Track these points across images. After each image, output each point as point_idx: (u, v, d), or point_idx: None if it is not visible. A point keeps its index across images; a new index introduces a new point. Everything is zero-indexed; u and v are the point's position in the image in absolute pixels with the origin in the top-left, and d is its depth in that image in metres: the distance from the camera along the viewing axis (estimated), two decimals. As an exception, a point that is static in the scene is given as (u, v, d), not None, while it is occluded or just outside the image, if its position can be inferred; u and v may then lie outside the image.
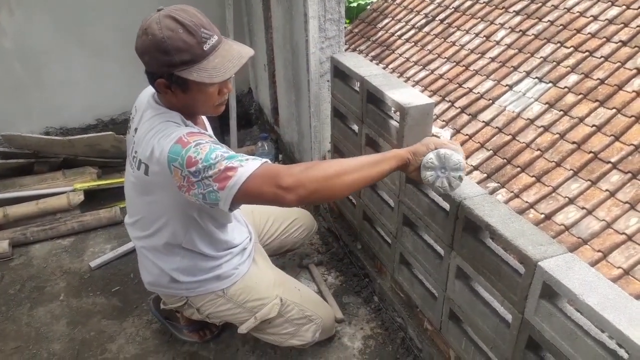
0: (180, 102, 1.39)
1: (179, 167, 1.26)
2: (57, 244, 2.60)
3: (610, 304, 1.05)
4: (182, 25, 1.25)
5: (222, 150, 1.28)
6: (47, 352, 1.98)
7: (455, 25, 4.73)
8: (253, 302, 1.69)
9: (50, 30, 3.10)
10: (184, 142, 1.27)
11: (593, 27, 3.78)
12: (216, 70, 1.29)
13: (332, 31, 2.30)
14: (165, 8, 1.30)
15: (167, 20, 1.26)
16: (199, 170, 1.25)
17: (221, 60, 1.30)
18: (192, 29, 1.26)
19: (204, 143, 1.27)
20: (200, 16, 1.30)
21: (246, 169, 1.24)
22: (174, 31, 1.25)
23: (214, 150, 1.26)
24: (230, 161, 1.25)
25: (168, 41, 1.25)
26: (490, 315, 1.43)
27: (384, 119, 1.84)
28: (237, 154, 1.28)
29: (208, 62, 1.28)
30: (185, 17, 1.26)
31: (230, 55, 1.32)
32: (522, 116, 3.54)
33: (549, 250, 1.23)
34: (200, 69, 1.28)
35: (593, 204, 2.83)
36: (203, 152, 1.25)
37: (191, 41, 1.26)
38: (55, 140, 2.91)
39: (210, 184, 1.25)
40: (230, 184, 1.24)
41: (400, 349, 1.94)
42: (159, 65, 1.29)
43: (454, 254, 1.53)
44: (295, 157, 2.95)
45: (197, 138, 1.29)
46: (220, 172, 1.24)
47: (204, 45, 1.28)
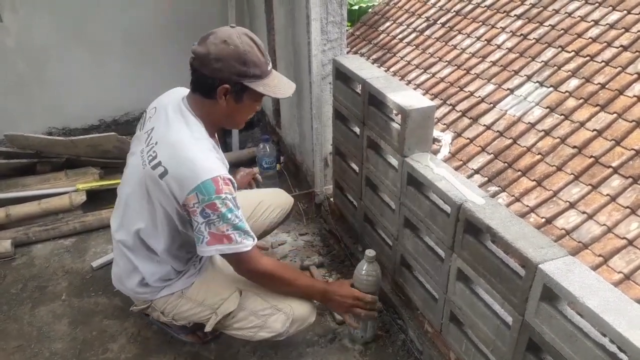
0: (223, 111, 1.51)
1: (200, 201, 1.41)
2: (59, 244, 2.60)
3: (611, 306, 1.06)
4: (257, 45, 1.45)
5: (235, 214, 1.46)
6: (48, 352, 1.99)
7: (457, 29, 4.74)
8: (213, 299, 1.71)
9: (53, 29, 3.12)
10: (219, 188, 1.42)
11: (594, 31, 3.79)
12: (277, 88, 1.50)
13: (334, 34, 2.31)
14: (237, 27, 1.49)
15: (246, 38, 1.44)
16: (211, 217, 1.43)
17: (279, 81, 1.52)
18: (262, 49, 1.47)
19: (230, 199, 1.44)
20: (261, 41, 1.49)
21: (236, 247, 1.49)
22: (252, 48, 1.43)
23: (232, 212, 1.45)
24: (233, 231, 1.46)
25: (248, 55, 1.42)
26: (491, 318, 1.43)
27: (385, 121, 1.85)
28: (242, 224, 1.48)
29: (270, 80, 1.49)
30: (257, 39, 1.47)
31: (283, 80, 1.55)
32: (523, 120, 3.55)
33: (549, 252, 1.23)
34: (265, 84, 1.47)
35: (594, 208, 2.84)
36: (225, 207, 1.43)
37: (262, 59, 1.46)
38: (57, 140, 2.92)
39: (204, 231, 1.45)
40: (215, 248, 1.47)
41: (400, 351, 1.95)
42: (232, 73, 1.43)
43: (455, 256, 1.54)
44: (297, 159, 2.96)
45: (228, 190, 1.45)
46: (219, 232, 1.45)
47: (268, 66, 1.48)
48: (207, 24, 3.43)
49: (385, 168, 1.91)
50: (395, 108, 1.75)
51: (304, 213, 2.75)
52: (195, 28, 3.44)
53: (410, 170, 1.71)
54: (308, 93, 2.47)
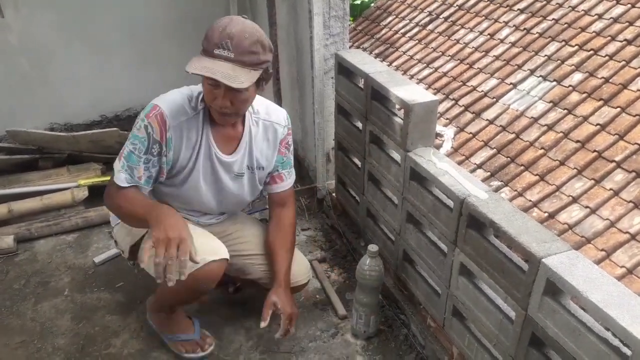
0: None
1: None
2: (62, 239, 2.61)
3: (614, 301, 1.06)
4: (224, 27, 1.41)
5: (140, 145, 1.54)
6: (51, 347, 1.99)
7: (460, 23, 4.72)
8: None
9: (54, 26, 3.11)
10: (149, 114, 1.52)
11: (598, 25, 3.77)
12: (198, 64, 1.40)
13: (336, 28, 2.30)
14: (247, 18, 1.48)
15: (227, 19, 1.44)
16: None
17: (209, 64, 1.40)
18: (223, 33, 1.40)
19: (147, 130, 1.52)
20: (244, 37, 1.40)
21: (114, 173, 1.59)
22: (219, 25, 1.42)
23: (138, 139, 1.53)
24: (122, 158, 1.57)
25: (210, 28, 1.44)
26: (494, 312, 1.43)
27: (388, 116, 1.84)
28: (135, 161, 1.55)
29: (205, 59, 1.41)
30: (235, 25, 1.41)
31: (215, 67, 1.40)
32: (526, 114, 3.54)
33: (552, 247, 1.23)
34: (198, 59, 1.42)
35: (597, 202, 2.83)
36: (135, 131, 1.55)
37: (214, 39, 1.40)
38: (59, 136, 2.92)
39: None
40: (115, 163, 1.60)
41: (403, 345, 1.95)
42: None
43: (458, 251, 1.54)
44: (299, 154, 2.95)
45: (154, 124, 1.51)
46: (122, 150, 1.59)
47: (216, 49, 1.40)
48: (209, 21, 3.43)
49: (387, 163, 1.90)
50: (398, 102, 1.75)
51: (306, 208, 2.75)
52: (197, 24, 3.43)
53: (413, 165, 1.70)
54: (310, 88, 2.46)
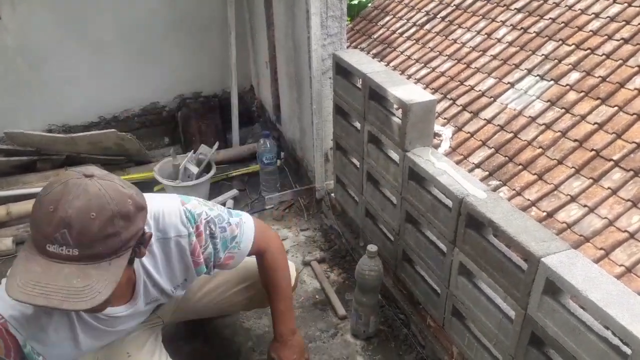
0: None
1: None
2: (60, 241, 2.60)
3: (614, 299, 1.06)
4: (57, 207, 0.93)
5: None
6: (51, 349, 1.99)
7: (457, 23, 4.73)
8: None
9: (51, 27, 3.10)
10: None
11: (595, 24, 3.77)
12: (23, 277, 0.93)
13: (334, 28, 2.30)
14: (94, 178, 0.99)
15: (61, 188, 0.96)
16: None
17: (44, 273, 0.92)
18: (57, 219, 0.92)
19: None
20: (92, 219, 0.94)
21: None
22: (50, 202, 0.95)
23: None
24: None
25: (37, 204, 0.97)
26: (493, 312, 1.43)
27: (386, 115, 1.84)
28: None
29: (35, 260, 0.94)
30: (70, 204, 0.93)
31: (47, 281, 0.92)
32: (524, 114, 3.55)
33: (552, 246, 1.23)
34: (25, 258, 0.95)
35: (595, 201, 2.84)
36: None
37: (44, 228, 0.93)
38: (57, 137, 2.91)
39: None
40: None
41: (403, 345, 1.95)
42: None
43: (457, 251, 1.54)
44: (297, 155, 2.95)
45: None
46: None
47: (49, 245, 0.93)
48: (207, 21, 3.45)
49: (386, 163, 1.90)
50: (396, 102, 1.75)
51: (305, 209, 2.75)
52: (195, 25, 3.44)
53: (412, 165, 1.71)
54: (308, 88, 2.46)
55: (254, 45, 3.48)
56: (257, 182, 2.94)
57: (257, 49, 3.45)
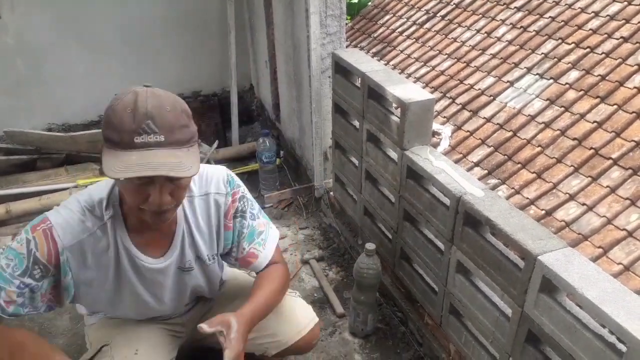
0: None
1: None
2: (60, 239, 2.61)
3: (609, 297, 1.07)
4: (134, 107, 1.07)
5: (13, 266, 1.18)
6: (50, 347, 2.00)
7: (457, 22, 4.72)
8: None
9: (51, 26, 3.11)
10: (36, 228, 1.20)
11: (594, 23, 3.77)
12: (121, 165, 1.05)
13: (333, 27, 2.30)
14: (152, 87, 1.13)
15: (130, 96, 1.09)
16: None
17: (138, 159, 1.06)
18: (138, 115, 1.06)
19: (28, 248, 1.18)
20: (167, 111, 1.09)
21: None
22: (124, 107, 1.07)
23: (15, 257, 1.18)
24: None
25: (111, 113, 1.08)
26: (490, 310, 1.44)
27: (385, 114, 1.84)
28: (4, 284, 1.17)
29: (128, 154, 1.06)
30: (148, 102, 1.08)
31: (149, 161, 1.06)
32: (523, 112, 3.54)
33: (548, 244, 1.24)
34: (114, 155, 1.07)
35: (594, 200, 2.83)
36: (17, 247, 1.19)
37: (127, 126, 1.06)
38: (57, 136, 2.92)
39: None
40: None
41: (400, 343, 1.96)
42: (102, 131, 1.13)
43: (455, 249, 1.54)
44: (296, 153, 2.96)
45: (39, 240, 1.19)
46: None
47: (136, 137, 1.06)
48: (206, 20, 3.45)
49: (384, 161, 1.91)
50: (395, 101, 1.75)
51: (304, 207, 2.75)
52: (194, 23, 3.44)
53: (410, 164, 1.71)
54: (307, 87, 2.47)
55: (254, 45, 3.49)
56: (257, 180, 2.95)
57: (256, 48, 3.45)
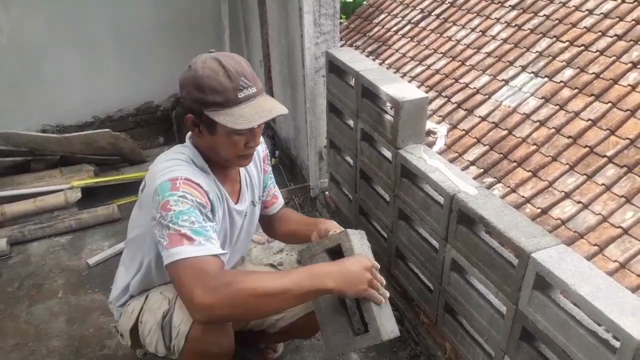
0: (207, 144, 1.37)
1: (157, 203, 1.26)
2: (55, 241, 2.60)
3: (602, 294, 1.07)
4: (224, 69, 1.26)
5: (196, 218, 1.24)
6: (46, 349, 1.99)
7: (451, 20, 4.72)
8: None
9: (45, 27, 3.10)
10: (175, 186, 1.26)
11: (588, 21, 3.77)
12: (243, 118, 1.26)
13: (327, 26, 2.30)
14: (217, 52, 1.32)
15: (212, 62, 1.27)
16: (166, 217, 1.23)
17: (251, 110, 1.27)
18: (232, 74, 1.26)
19: (188, 199, 1.25)
20: (245, 65, 1.30)
21: (195, 251, 1.20)
22: (215, 72, 1.26)
23: (190, 213, 1.24)
24: (192, 233, 1.22)
25: (206, 79, 1.26)
26: (485, 307, 1.44)
27: (378, 113, 1.84)
28: (202, 231, 1.23)
29: (239, 109, 1.27)
30: (230, 62, 1.28)
31: (262, 108, 1.29)
32: (518, 111, 3.54)
33: (542, 241, 1.24)
34: (229, 113, 1.26)
35: (589, 198, 2.84)
36: (181, 206, 1.23)
37: (228, 85, 1.26)
38: (51, 137, 2.91)
39: (164, 236, 1.23)
40: (173, 251, 1.20)
41: (397, 341, 1.95)
42: (192, 101, 1.29)
43: (449, 247, 1.54)
44: (291, 153, 2.95)
45: (189, 190, 1.26)
46: (177, 233, 1.21)
47: (239, 93, 1.27)
48: (200, 20, 3.44)
49: (379, 160, 1.91)
50: (388, 100, 1.75)
51: (300, 207, 2.75)
52: (189, 23, 3.44)
53: (404, 162, 1.71)
54: (302, 86, 2.47)
55: (248, 44, 3.48)
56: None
57: (251, 48, 3.45)
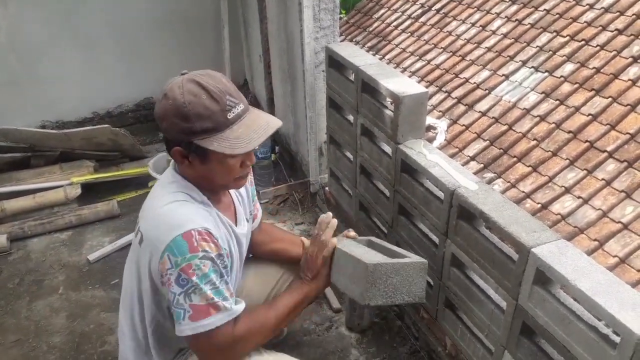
0: (198, 174, 1.27)
1: (173, 264, 1.16)
2: (55, 237, 2.60)
3: (602, 288, 1.07)
4: (206, 91, 1.16)
5: (216, 278, 1.19)
6: (46, 345, 1.99)
7: (451, 15, 4.71)
8: None
9: (44, 24, 3.09)
10: (193, 245, 1.16)
11: (589, 15, 3.76)
12: (239, 141, 1.18)
13: (326, 21, 2.30)
14: (190, 72, 1.21)
15: (190, 85, 1.17)
16: (188, 283, 1.16)
17: (245, 130, 1.19)
18: (216, 95, 1.16)
19: (208, 260, 1.17)
20: (226, 82, 1.21)
21: (221, 318, 1.18)
22: (197, 96, 1.15)
23: (211, 274, 1.18)
24: (218, 297, 1.18)
25: (189, 106, 1.15)
26: (485, 302, 1.44)
27: (378, 108, 1.84)
28: (226, 289, 1.21)
29: (231, 131, 1.18)
30: (210, 82, 1.17)
31: (257, 125, 1.21)
32: (519, 106, 3.53)
33: (542, 236, 1.24)
34: (222, 138, 1.17)
35: (589, 193, 2.83)
36: (204, 269, 1.16)
37: (214, 108, 1.16)
38: (50, 133, 2.90)
39: (184, 305, 1.17)
40: (201, 324, 1.17)
41: (397, 337, 1.96)
42: (178, 132, 1.18)
43: (449, 242, 1.54)
44: (291, 149, 2.95)
45: (207, 247, 1.18)
46: (203, 304, 1.16)
47: (228, 114, 1.18)
48: (199, 16, 3.43)
49: (379, 155, 1.90)
50: (388, 95, 1.75)
51: (300, 202, 2.75)
52: (187, 19, 3.42)
53: (404, 157, 1.71)
54: (302, 81, 2.46)
55: (247, 39, 3.47)
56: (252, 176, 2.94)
57: (250, 43, 3.44)
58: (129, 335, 1.39)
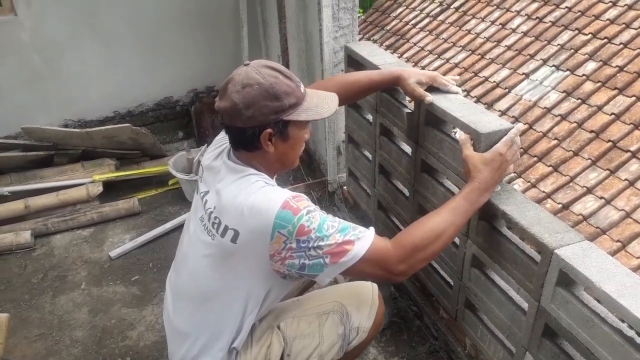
0: (275, 157, 1.33)
1: (287, 235, 1.18)
2: (77, 234, 2.65)
3: (628, 291, 1.05)
4: (280, 72, 1.27)
5: (331, 220, 1.23)
6: (69, 339, 2.03)
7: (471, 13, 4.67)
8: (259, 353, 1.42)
9: (66, 22, 3.14)
10: (294, 208, 1.19)
11: (612, 13, 3.70)
12: (319, 107, 1.31)
13: (345, 20, 2.29)
14: (252, 63, 1.29)
15: (265, 70, 1.26)
16: (310, 240, 1.19)
17: (317, 99, 1.33)
18: (288, 73, 1.29)
19: (313, 211, 1.21)
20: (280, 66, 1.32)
21: (362, 246, 1.21)
22: (277, 77, 1.25)
23: (326, 220, 1.21)
24: (344, 235, 1.21)
25: (276, 87, 1.24)
26: (506, 303, 1.43)
27: (398, 108, 1.83)
28: (347, 225, 1.23)
29: (308, 102, 1.30)
30: (276, 65, 1.29)
31: (321, 94, 1.36)
32: (539, 105, 3.50)
33: (565, 238, 1.22)
34: (305, 109, 1.29)
35: (612, 193, 2.80)
36: (315, 221, 1.19)
37: (292, 85, 1.27)
38: (73, 132, 2.96)
39: (320, 255, 1.20)
40: (344, 260, 1.20)
41: (416, 337, 1.95)
42: (269, 113, 1.24)
43: (470, 243, 1.53)
44: (309, 148, 2.96)
45: (305, 204, 1.22)
46: (335, 245, 1.19)
47: (300, 88, 1.30)
48: (218, 15, 3.46)
49: (398, 155, 1.90)
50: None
51: (318, 201, 2.75)
52: (207, 17, 3.45)
53: (424, 157, 1.70)
54: (320, 80, 2.46)
55: (266, 38, 3.49)
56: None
57: (269, 42, 3.45)
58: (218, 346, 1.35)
